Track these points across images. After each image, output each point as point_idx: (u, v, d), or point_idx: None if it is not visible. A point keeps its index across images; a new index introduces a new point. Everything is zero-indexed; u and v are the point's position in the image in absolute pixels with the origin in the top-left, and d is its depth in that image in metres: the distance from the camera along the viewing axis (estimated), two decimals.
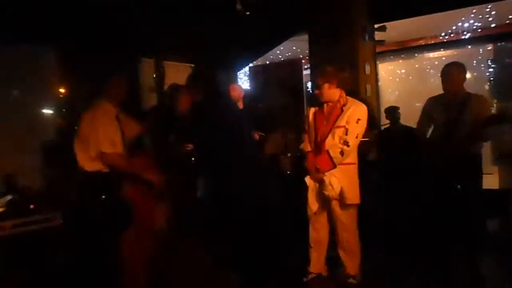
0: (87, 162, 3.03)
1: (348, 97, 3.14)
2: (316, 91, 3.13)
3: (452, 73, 3.33)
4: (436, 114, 3.44)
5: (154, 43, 4.51)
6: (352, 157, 3.11)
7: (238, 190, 2.99)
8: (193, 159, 4.00)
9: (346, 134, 3.02)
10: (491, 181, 4.84)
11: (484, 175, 3.54)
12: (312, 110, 3.27)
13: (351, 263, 3.20)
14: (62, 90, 5.25)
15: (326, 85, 3.07)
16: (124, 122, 3.22)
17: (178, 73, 5.89)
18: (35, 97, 5.01)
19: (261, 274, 3.17)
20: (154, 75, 4.94)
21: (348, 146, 2.99)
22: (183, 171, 3.47)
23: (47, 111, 5.22)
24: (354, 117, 3.03)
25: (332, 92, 3.09)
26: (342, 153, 2.99)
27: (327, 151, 3.04)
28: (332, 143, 3.06)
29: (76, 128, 3.13)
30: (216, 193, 3.17)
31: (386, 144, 5.08)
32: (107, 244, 2.88)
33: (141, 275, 2.93)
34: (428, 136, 3.61)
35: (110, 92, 3.16)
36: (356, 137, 3.03)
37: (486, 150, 4.74)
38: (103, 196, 2.95)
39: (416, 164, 4.67)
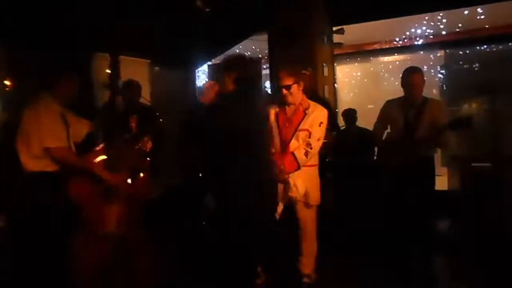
0: (30, 161, 2.86)
1: (309, 101, 3.18)
2: (284, 92, 3.09)
3: (412, 77, 3.40)
4: (394, 117, 3.51)
5: (110, 38, 4.32)
6: (314, 159, 3.17)
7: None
8: (148, 159, 3.88)
9: (310, 137, 3.07)
10: (440, 182, 5.03)
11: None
12: (273, 111, 3.24)
13: (307, 261, 3.24)
14: (7, 83, 4.94)
15: (295, 86, 3.07)
16: (71, 121, 3.07)
17: (136, 68, 5.71)
18: None
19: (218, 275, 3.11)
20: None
21: (311, 148, 3.05)
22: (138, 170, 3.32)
23: None
24: (317, 121, 3.09)
25: (299, 94, 3.11)
26: (306, 154, 3.04)
27: (292, 153, 3.06)
28: (297, 145, 3.09)
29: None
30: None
31: (342, 145, 5.16)
32: (53, 248, 2.70)
33: (92, 280, 2.76)
34: (384, 138, 3.68)
35: (57, 92, 3.01)
36: (318, 140, 3.09)
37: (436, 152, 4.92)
38: (48, 197, 2.78)
39: (371, 164, 4.82)
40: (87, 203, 2.82)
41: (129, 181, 2.99)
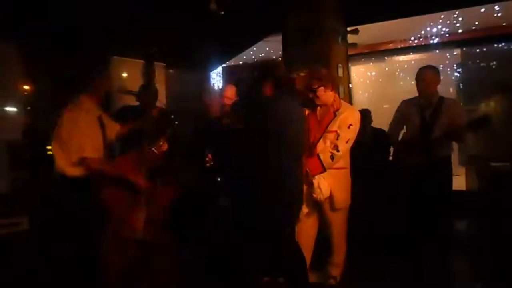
0: (68, 167, 2.83)
1: (342, 101, 3.15)
2: (311, 95, 3.08)
3: (427, 76, 3.38)
4: (410, 116, 3.49)
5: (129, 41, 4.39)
6: (344, 161, 3.11)
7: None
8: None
9: (337, 139, 3.01)
10: (458, 182, 4.97)
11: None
12: (306, 112, 3.24)
13: (335, 263, 3.24)
14: (26, 87, 5.05)
15: (321, 88, 3.04)
16: (106, 123, 3.06)
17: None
18: None
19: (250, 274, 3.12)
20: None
21: (338, 151, 2.98)
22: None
23: (11, 110, 5.01)
24: (346, 122, 3.02)
25: (327, 95, 3.06)
26: (332, 157, 2.98)
27: (318, 155, 3.02)
28: (323, 148, 3.04)
29: (45, 126, 2.96)
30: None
31: (357, 146, 5.13)
32: (83, 249, 2.73)
33: (119, 283, 2.76)
34: (400, 138, 3.67)
35: (94, 92, 2.97)
36: (347, 142, 3.01)
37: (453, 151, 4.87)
38: (83, 202, 2.78)
39: (387, 165, 4.79)
40: (118, 208, 2.81)
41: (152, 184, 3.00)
